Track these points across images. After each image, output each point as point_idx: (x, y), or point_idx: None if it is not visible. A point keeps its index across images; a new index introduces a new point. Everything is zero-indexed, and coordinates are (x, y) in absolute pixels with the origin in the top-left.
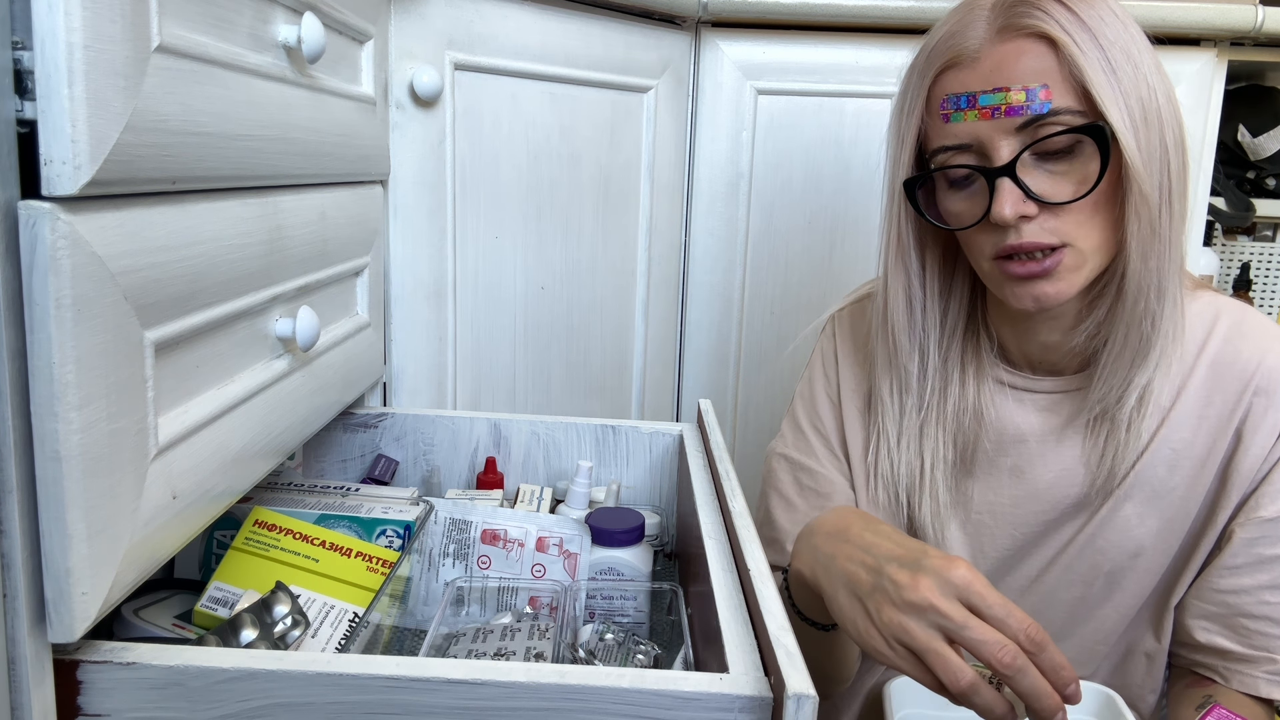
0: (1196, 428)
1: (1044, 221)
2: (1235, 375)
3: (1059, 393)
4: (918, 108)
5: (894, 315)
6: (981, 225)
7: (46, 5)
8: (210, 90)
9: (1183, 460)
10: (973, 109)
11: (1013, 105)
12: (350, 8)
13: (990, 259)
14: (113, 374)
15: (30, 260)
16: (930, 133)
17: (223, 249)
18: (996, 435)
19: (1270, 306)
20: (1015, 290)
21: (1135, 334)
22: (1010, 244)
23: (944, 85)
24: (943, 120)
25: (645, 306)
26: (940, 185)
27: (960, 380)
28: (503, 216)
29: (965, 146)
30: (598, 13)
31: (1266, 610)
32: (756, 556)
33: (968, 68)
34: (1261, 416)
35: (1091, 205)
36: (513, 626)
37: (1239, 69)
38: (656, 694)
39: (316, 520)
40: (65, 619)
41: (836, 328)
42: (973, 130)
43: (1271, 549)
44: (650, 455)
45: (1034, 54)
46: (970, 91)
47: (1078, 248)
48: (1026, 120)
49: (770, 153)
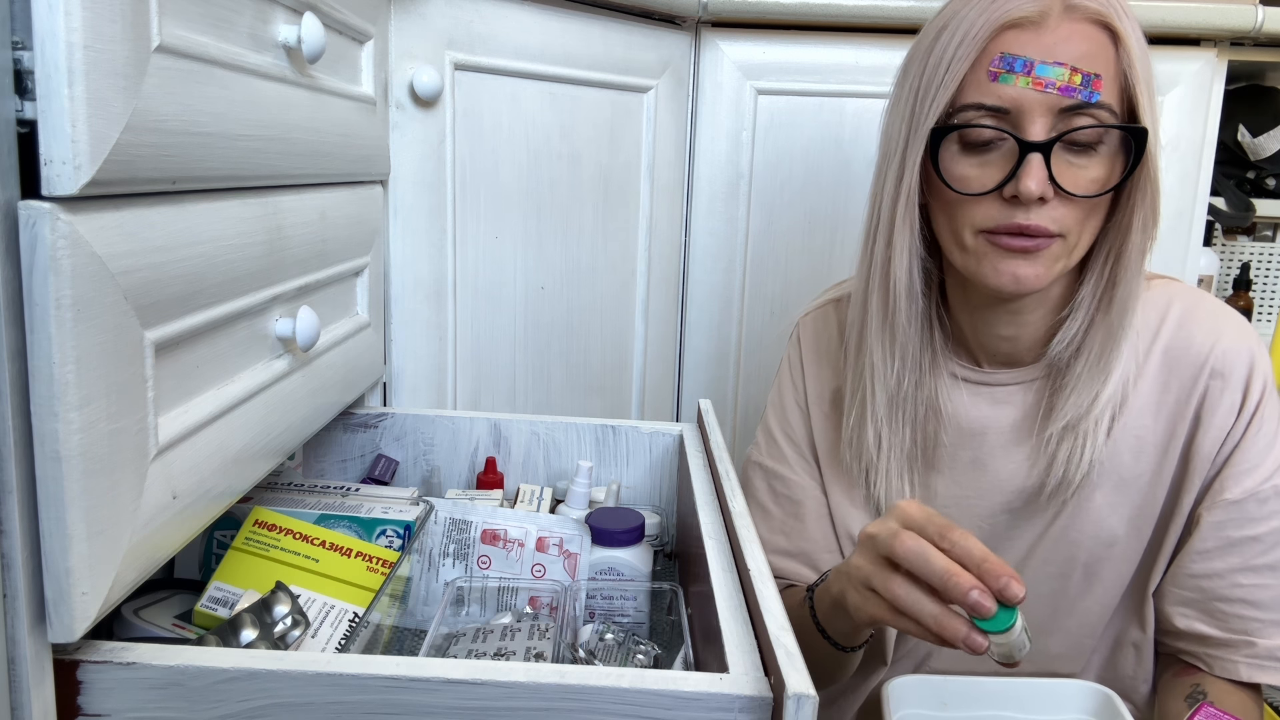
0: (1156, 414)
1: (1053, 209)
2: (1190, 361)
3: (1015, 385)
4: (965, 57)
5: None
6: (987, 196)
7: (46, 5)
8: (210, 90)
9: (1146, 447)
10: (1027, 74)
11: (1067, 85)
12: (350, 8)
13: (978, 232)
14: (113, 374)
15: (30, 260)
16: (967, 87)
17: (223, 249)
18: (955, 429)
19: (1270, 306)
20: (997, 265)
21: (1112, 345)
22: (1017, 222)
23: (1001, 42)
24: (990, 77)
25: (645, 306)
26: (951, 145)
27: (918, 372)
28: (503, 216)
29: (1000, 111)
30: (598, 13)
31: (1241, 593)
32: (756, 556)
33: (1030, 32)
34: (1218, 399)
35: (1096, 205)
36: (513, 626)
37: (1239, 69)
38: (656, 694)
39: (316, 520)
40: (65, 619)
41: (801, 333)
42: (1018, 97)
43: (1239, 531)
44: (650, 455)
45: (1097, 42)
46: (1029, 57)
47: (1069, 241)
48: (1074, 104)
49: (770, 153)
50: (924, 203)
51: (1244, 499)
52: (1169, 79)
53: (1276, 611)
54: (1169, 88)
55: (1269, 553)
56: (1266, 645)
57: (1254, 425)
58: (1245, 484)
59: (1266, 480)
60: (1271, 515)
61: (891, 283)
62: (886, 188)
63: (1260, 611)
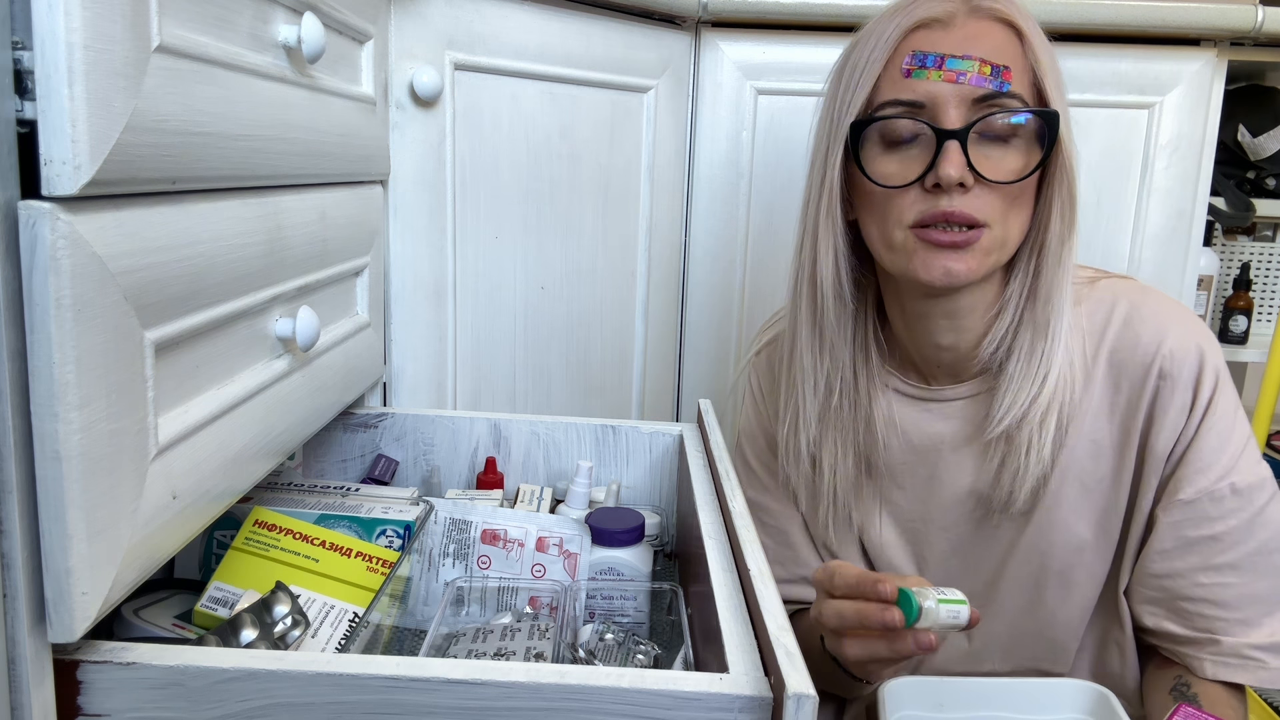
0: (1110, 417)
1: (975, 197)
2: (1138, 362)
3: (960, 399)
4: (879, 59)
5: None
6: (910, 190)
7: (46, 5)
8: (210, 90)
9: (1103, 450)
10: (939, 69)
11: (978, 75)
12: (350, 8)
13: (907, 227)
14: (113, 374)
15: (30, 260)
16: (882, 86)
17: (223, 249)
18: (907, 446)
19: (1270, 306)
20: (927, 260)
21: (1042, 341)
22: (941, 209)
23: (913, 41)
24: (903, 74)
25: (645, 306)
26: (872, 147)
27: (853, 389)
28: (503, 216)
29: (917, 105)
30: (597, 13)
31: (1203, 592)
32: (756, 556)
33: (939, 31)
34: (1169, 400)
35: (1016, 194)
36: (513, 626)
37: (1239, 69)
38: (656, 694)
39: (316, 520)
40: (65, 619)
41: (754, 370)
42: (932, 91)
43: (1195, 530)
44: (650, 455)
45: (1003, 38)
46: (940, 52)
47: (995, 231)
48: (986, 94)
49: (770, 153)
50: (853, 219)
51: (1198, 499)
52: (1169, 79)
53: (1240, 610)
54: (1169, 88)
55: (1228, 551)
56: (1231, 643)
57: (1206, 423)
58: (1198, 484)
59: (1221, 479)
60: (1228, 514)
61: (819, 285)
62: (811, 193)
63: (1224, 610)
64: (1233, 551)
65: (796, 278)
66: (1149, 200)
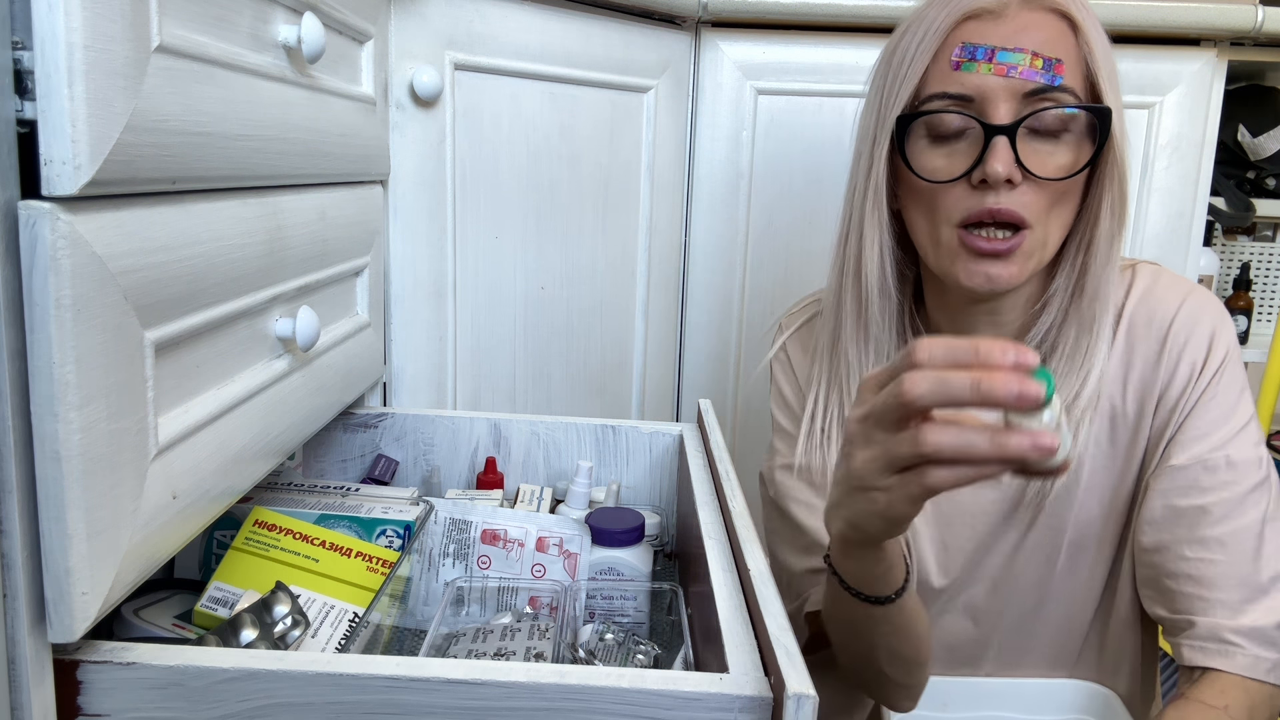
0: (1123, 391)
1: (1022, 195)
2: (1154, 331)
3: None
4: (928, 49)
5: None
6: (956, 186)
7: (46, 5)
8: (210, 90)
9: (1118, 425)
10: (989, 61)
11: (1029, 69)
12: (350, 8)
13: (954, 225)
14: (113, 374)
15: (30, 260)
16: (930, 78)
17: (223, 249)
18: None
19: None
20: (969, 266)
21: (1087, 338)
22: (988, 207)
23: (962, 33)
24: (952, 66)
25: (645, 306)
26: (919, 140)
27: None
28: (503, 216)
29: (965, 99)
30: (597, 13)
31: (1186, 567)
32: (756, 556)
33: (990, 22)
34: (1179, 363)
35: (1063, 189)
36: (513, 626)
37: (1239, 69)
38: (656, 694)
39: (316, 520)
40: (65, 619)
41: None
42: (981, 83)
43: (1185, 499)
44: (650, 455)
45: (1056, 30)
46: (990, 45)
47: (1038, 233)
48: (1037, 88)
49: (770, 153)
50: (897, 209)
51: (1190, 465)
52: (1169, 79)
53: (1223, 590)
54: (1169, 88)
55: (1216, 525)
56: (1207, 624)
57: (1209, 392)
58: (1193, 450)
59: (1217, 449)
60: (1220, 486)
61: (864, 279)
62: (857, 185)
63: (1205, 589)
64: (1220, 526)
65: (841, 270)
66: (1149, 200)
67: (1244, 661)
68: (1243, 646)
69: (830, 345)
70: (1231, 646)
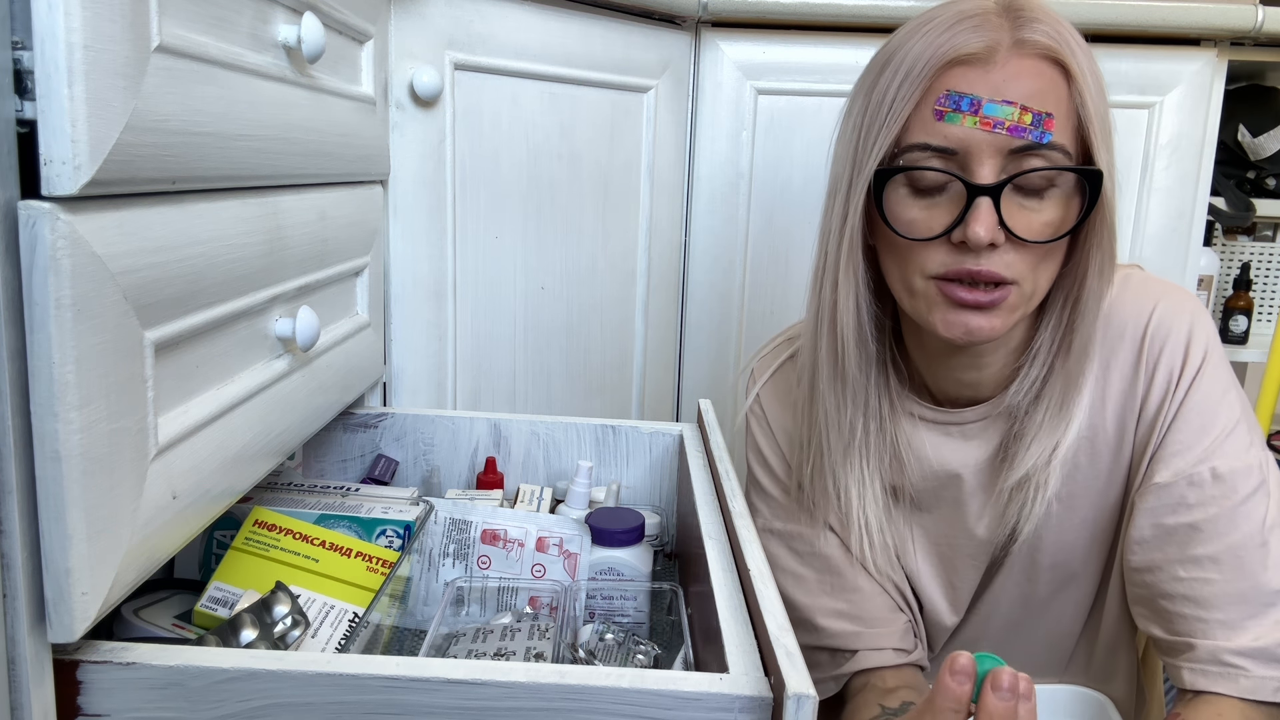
0: (1102, 408)
1: (1004, 254)
2: (1129, 342)
3: (979, 420)
4: (909, 97)
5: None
6: (935, 241)
7: (46, 5)
8: (210, 90)
9: (1099, 445)
10: (974, 114)
11: (1017, 125)
12: (350, 8)
13: (929, 278)
14: (113, 374)
15: (30, 260)
16: (912, 126)
17: (223, 249)
18: (928, 471)
19: (1270, 306)
20: (947, 317)
21: (1073, 391)
22: (967, 268)
23: (948, 79)
24: (935, 116)
25: (645, 306)
26: (897, 189)
27: (877, 419)
28: (503, 216)
29: (947, 152)
30: (597, 13)
31: (1182, 588)
32: (756, 556)
33: (978, 69)
34: (1155, 372)
35: (1050, 249)
36: (513, 626)
37: (1239, 69)
38: (656, 694)
39: (316, 520)
40: (65, 619)
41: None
42: (965, 137)
43: (1173, 517)
44: (650, 455)
45: (1048, 79)
46: (976, 95)
47: (1023, 288)
48: (1024, 145)
49: (770, 153)
50: (872, 244)
51: (1174, 482)
52: (1169, 79)
53: (1221, 610)
54: (1169, 88)
55: (1208, 543)
56: (1209, 647)
57: (1189, 400)
58: (1175, 465)
59: (1201, 462)
60: (1208, 501)
61: (839, 329)
62: (832, 229)
63: (1202, 609)
64: (1213, 543)
65: (817, 317)
66: (1149, 200)
67: (1248, 684)
68: (1245, 669)
69: (809, 396)
70: (1233, 669)
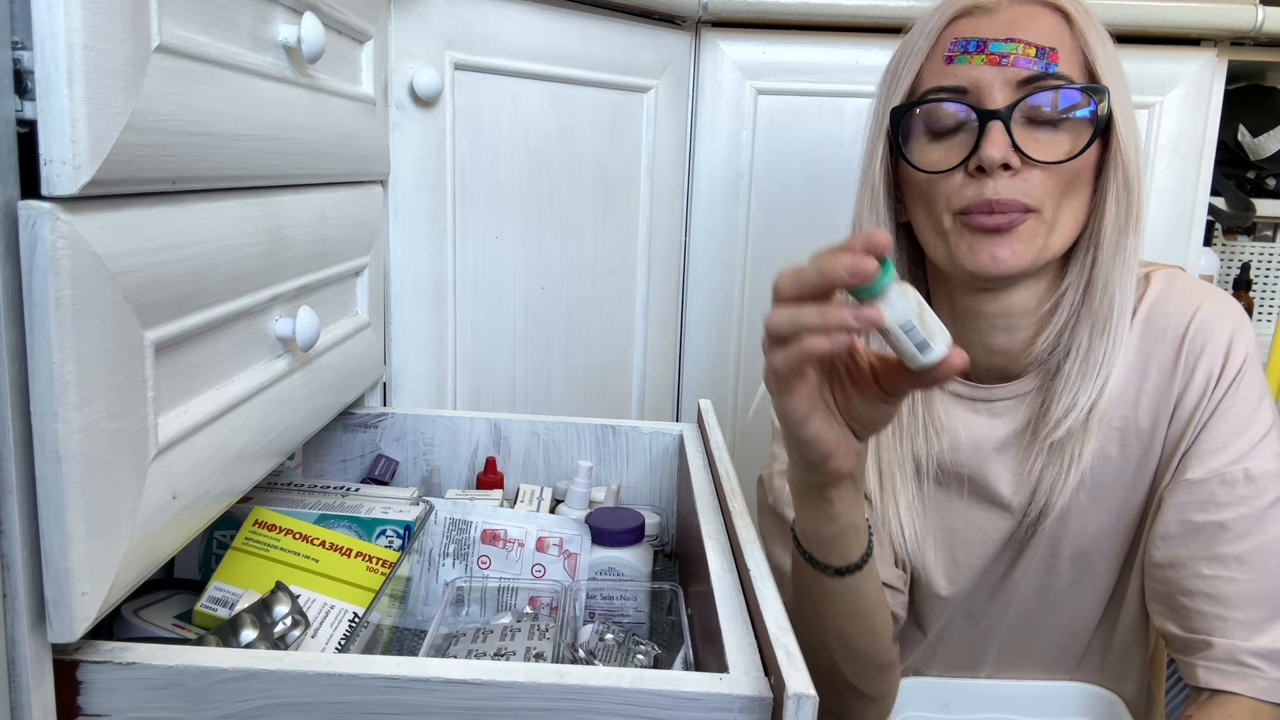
0: (1136, 401)
1: (1022, 181)
2: (1169, 340)
3: (1011, 398)
4: (921, 50)
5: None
6: (955, 175)
7: (46, 5)
8: (210, 90)
9: (1129, 438)
10: (981, 53)
11: (1022, 57)
12: (350, 8)
13: (953, 213)
14: (113, 374)
15: (30, 260)
16: (926, 75)
17: (223, 249)
18: (957, 446)
19: (1270, 306)
20: (973, 246)
21: (1100, 338)
22: (987, 197)
23: (955, 29)
24: (945, 61)
25: (645, 306)
26: (918, 134)
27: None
28: (503, 216)
29: (961, 90)
30: (598, 13)
31: (1203, 585)
32: (756, 557)
33: (982, 17)
34: (1195, 372)
35: (1068, 178)
36: (513, 626)
37: (1239, 69)
38: (656, 694)
39: (316, 520)
40: (65, 619)
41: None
42: (975, 75)
43: (1202, 514)
44: (650, 455)
45: (1048, 21)
46: (981, 37)
47: (1044, 216)
48: (1031, 75)
49: (770, 153)
50: (905, 221)
51: (1207, 479)
52: (1169, 79)
53: (1242, 609)
54: (1169, 88)
55: (1235, 542)
56: (1226, 646)
57: (1226, 402)
58: (1210, 464)
59: (1235, 462)
60: (1238, 501)
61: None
62: (859, 193)
63: (1223, 608)
64: (1240, 543)
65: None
66: (1149, 200)
67: (1263, 685)
68: (1262, 670)
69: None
70: (1250, 670)
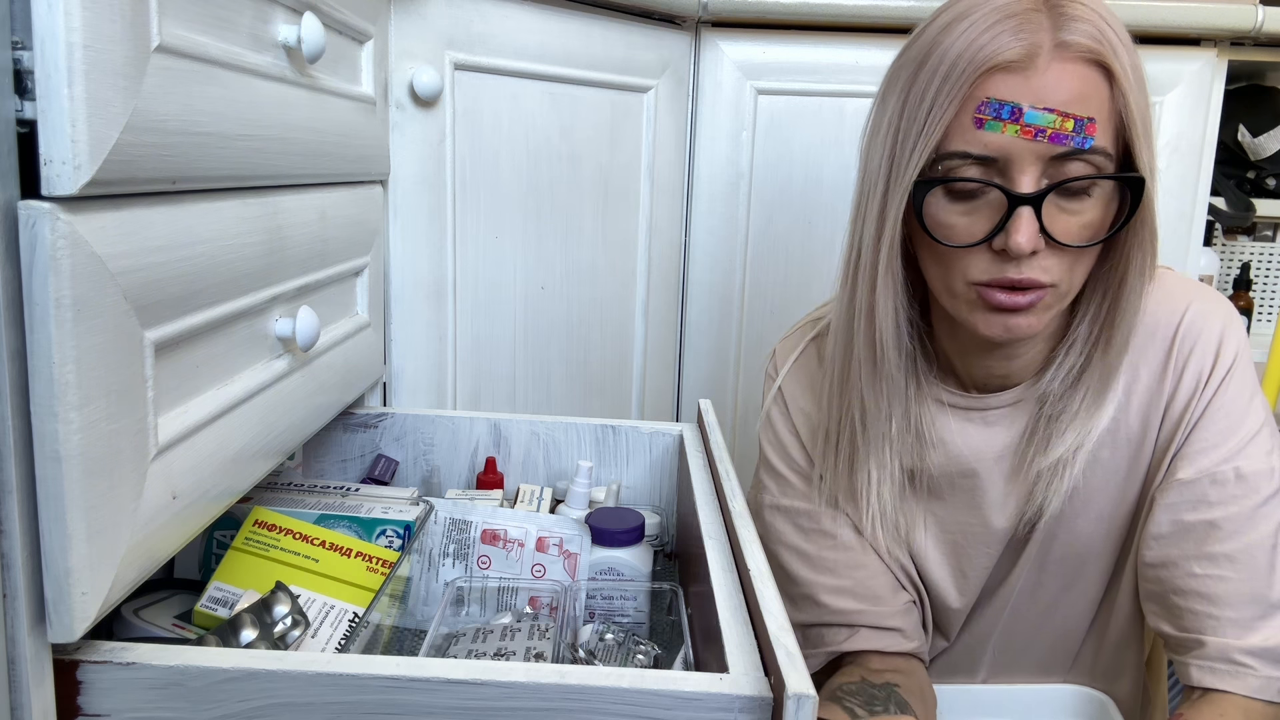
0: (1126, 404)
1: (1044, 259)
2: (1159, 341)
3: (1005, 407)
4: (950, 102)
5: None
6: (975, 247)
7: (46, 5)
8: (210, 90)
9: (1120, 440)
10: (1015, 122)
11: (1059, 132)
12: (350, 8)
13: (970, 283)
14: (112, 374)
15: (30, 260)
16: (951, 134)
17: (222, 249)
18: (948, 456)
19: (1270, 306)
20: (987, 318)
21: (1111, 379)
22: (1009, 276)
23: (988, 86)
24: (974, 124)
25: (645, 306)
26: (938, 197)
27: (903, 404)
28: (503, 216)
29: (987, 160)
30: (597, 13)
31: (1195, 584)
32: (756, 557)
33: (1019, 75)
34: (1185, 371)
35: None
36: (513, 626)
37: (1239, 69)
38: (656, 694)
39: (316, 520)
40: (65, 619)
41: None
42: (1006, 145)
43: (1193, 514)
44: (650, 455)
45: (1091, 83)
46: (1016, 103)
47: (1060, 289)
48: (1066, 151)
49: (770, 153)
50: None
51: (1198, 479)
52: (1169, 79)
53: (1234, 608)
54: (1169, 88)
55: (1226, 541)
56: (1218, 645)
57: (1216, 401)
58: (1200, 463)
59: (1225, 461)
60: (1229, 500)
61: (877, 332)
62: (867, 231)
63: (1215, 607)
64: (1231, 541)
65: (851, 317)
66: None
67: (1255, 683)
68: (1254, 668)
69: (837, 389)
70: (1242, 668)
